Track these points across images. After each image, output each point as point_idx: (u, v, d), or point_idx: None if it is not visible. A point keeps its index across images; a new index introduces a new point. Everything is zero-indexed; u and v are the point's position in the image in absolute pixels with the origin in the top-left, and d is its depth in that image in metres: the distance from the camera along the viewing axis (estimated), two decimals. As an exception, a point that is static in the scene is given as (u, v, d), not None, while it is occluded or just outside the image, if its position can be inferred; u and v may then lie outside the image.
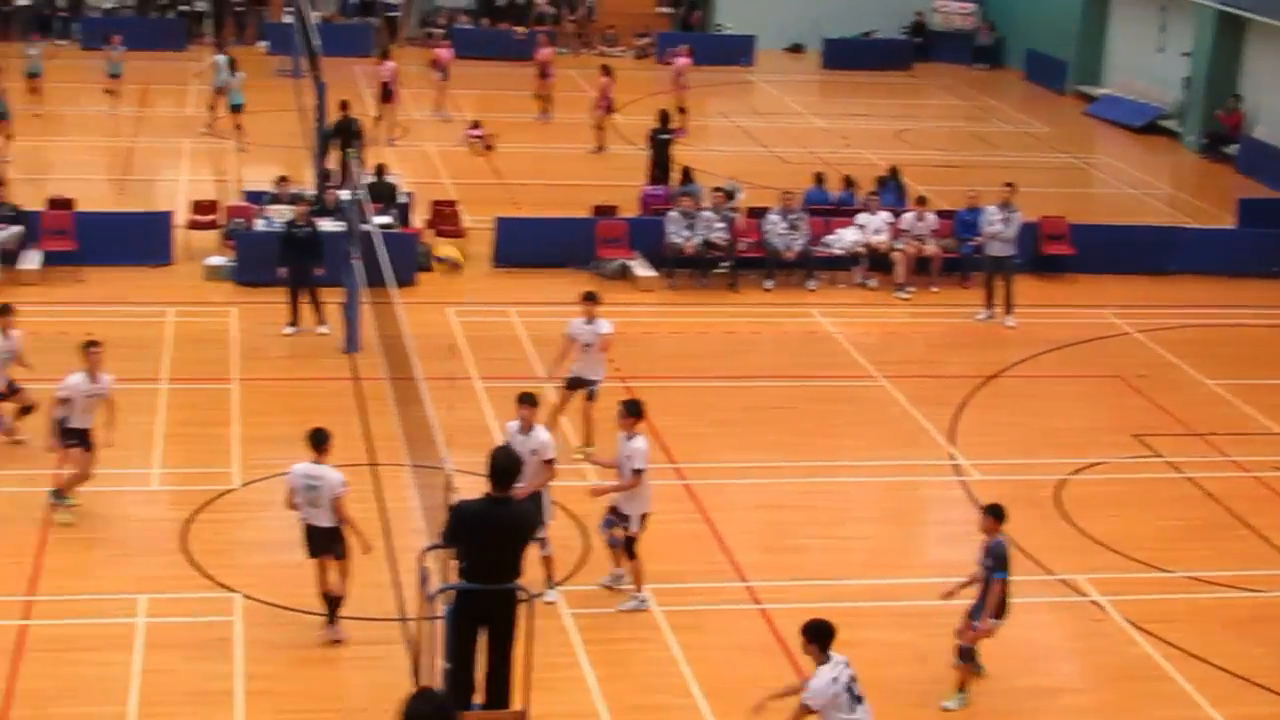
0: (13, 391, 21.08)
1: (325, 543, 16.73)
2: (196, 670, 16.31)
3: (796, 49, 54.70)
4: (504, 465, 14.29)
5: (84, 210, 29.41)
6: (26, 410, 21.11)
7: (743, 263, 29.48)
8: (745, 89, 48.70)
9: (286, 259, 25.61)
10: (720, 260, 29.31)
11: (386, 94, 39.04)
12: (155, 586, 17.88)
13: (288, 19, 46.54)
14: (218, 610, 17.44)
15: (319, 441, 16.81)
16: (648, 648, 17.10)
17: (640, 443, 17.58)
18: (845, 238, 30.04)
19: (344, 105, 33.34)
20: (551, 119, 41.54)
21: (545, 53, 42.37)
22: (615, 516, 17.73)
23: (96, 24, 49.47)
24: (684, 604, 17.98)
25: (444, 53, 42.58)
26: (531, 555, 15.30)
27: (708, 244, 29.13)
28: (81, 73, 43.65)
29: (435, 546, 14.76)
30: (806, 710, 13.55)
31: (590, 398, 21.46)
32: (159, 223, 29.60)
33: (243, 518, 19.77)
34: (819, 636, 13.72)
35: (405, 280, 26.64)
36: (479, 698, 14.48)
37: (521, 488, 15.89)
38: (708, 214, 29.40)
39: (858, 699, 13.69)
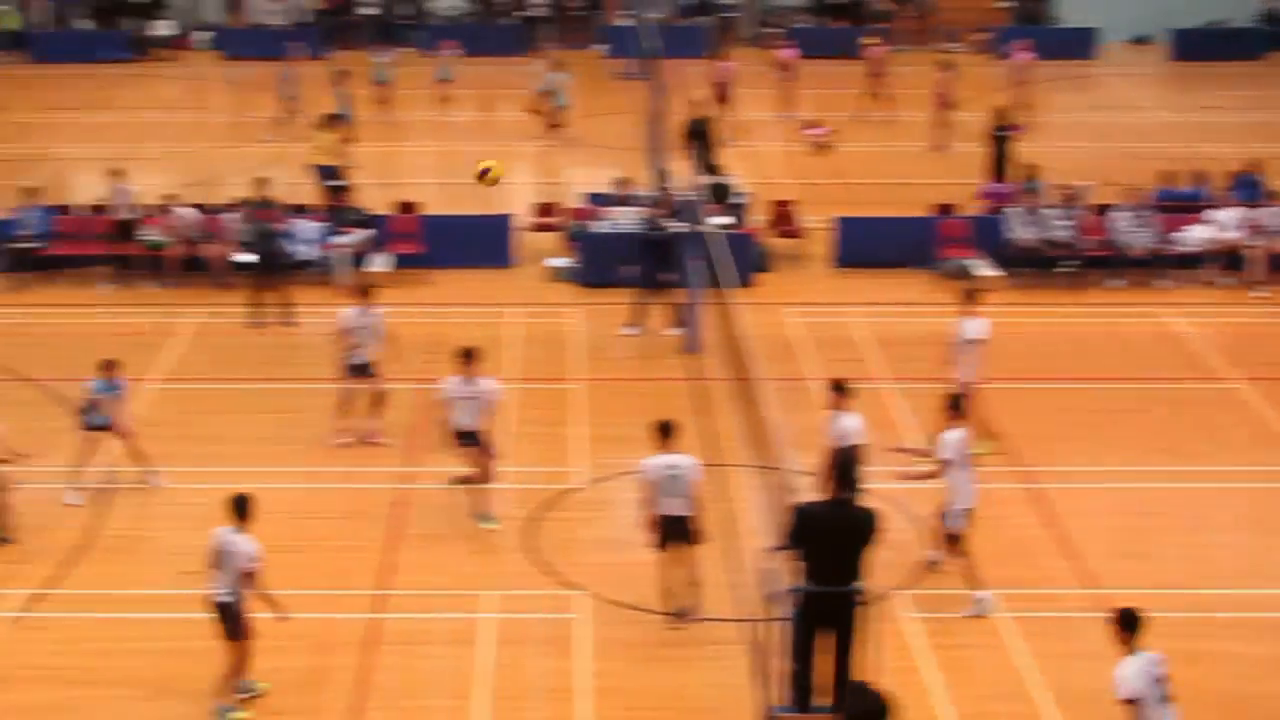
0: (367, 374, 21.72)
1: (679, 531, 16.80)
2: (543, 666, 16.53)
3: (1142, 40, 53.41)
4: (849, 466, 14.20)
5: (431, 214, 30.06)
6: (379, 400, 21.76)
7: (1088, 261, 28.85)
8: (1088, 83, 47.69)
9: (640, 260, 25.79)
10: (1065, 259, 28.74)
11: (723, 95, 39.12)
12: (502, 583, 18.17)
13: (626, 22, 47.04)
14: (563, 607, 17.64)
15: (669, 431, 16.90)
16: (993, 654, 16.80)
17: (954, 434, 17.45)
18: (1195, 235, 29.18)
19: (697, 105, 33.55)
20: (890, 116, 41.17)
21: (876, 51, 41.89)
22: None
23: (439, 31, 50.60)
24: (1032, 610, 17.63)
25: (788, 53, 42.08)
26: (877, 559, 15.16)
27: (1051, 242, 28.58)
28: (424, 79, 44.62)
29: (777, 549, 14.71)
30: (1124, 703, 13.21)
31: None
32: (502, 226, 30.10)
33: (587, 516, 19.97)
34: (1130, 624, 13.42)
35: (744, 281, 26.66)
36: (821, 700, 14.39)
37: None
38: (1052, 211, 28.85)
39: (1165, 699, 13.38)
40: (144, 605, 17.71)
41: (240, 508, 15.68)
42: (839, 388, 18.50)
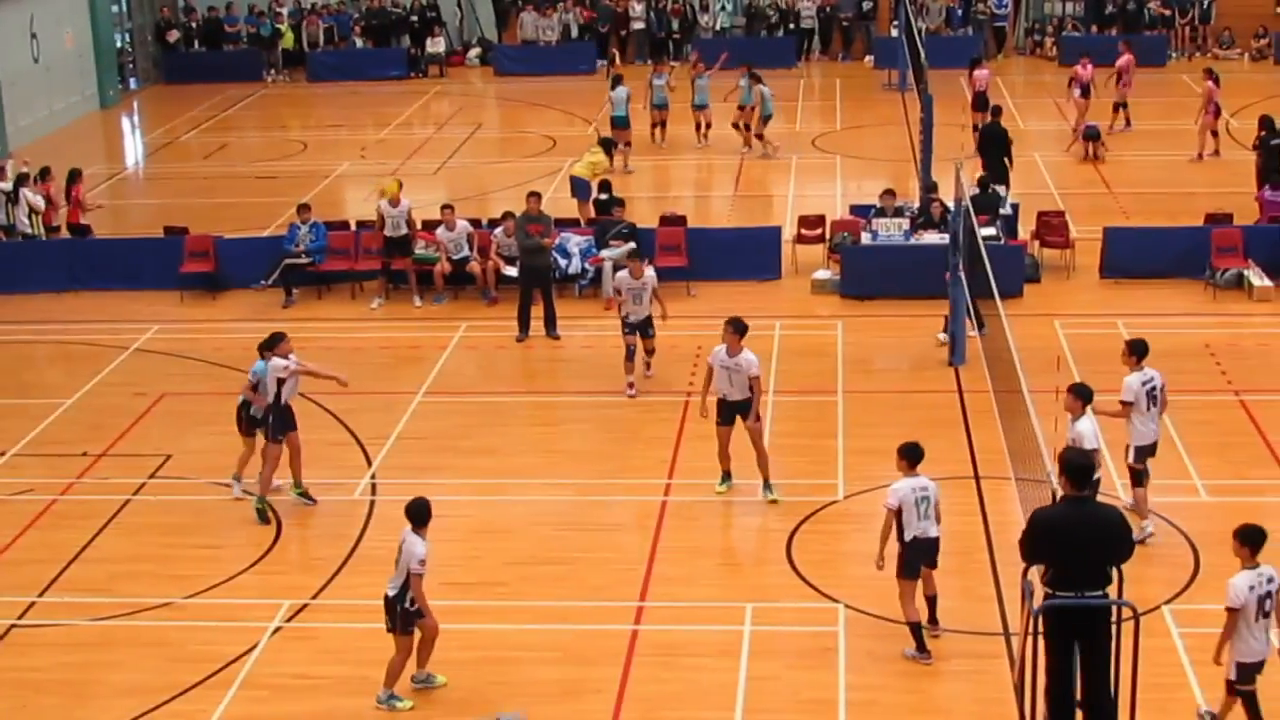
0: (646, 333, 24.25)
1: (932, 554, 16.74)
2: (801, 679, 16.50)
3: None
4: (1079, 464, 13.95)
5: (695, 226, 30.23)
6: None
7: (1366, 270, 28.06)
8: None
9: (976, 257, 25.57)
10: (1342, 268, 28.00)
11: (982, 102, 38.67)
12: (761, 595, 18.20)
13: (894, 32, 46.87)
14: (822, 620, 17.61)
15: (917, 456, 16.81)
16: (1267, 674, 16.37)
17: (1134, 377, 18.91)
18: None
19: (995, 112, 33.32)
20: (1131, 128, 40.28)
21: (1124, 60, 40.66)
22: None
23: (708, 45, 50.90)
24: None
25: (1084, 71, 39.76)
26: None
27: (1329, 251, 27.88)
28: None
29: (1025, 559, 14.41)
30: (1228, 611, 14.30)
31: None
32: (767, 238, 30.16)
33: (847, 529, 19.90)
34: (1250, 540, 14.38)
35: (1011, 292, 26.39)
36: (1081, 717, 14.17)
37: None
38: (1329, 220, 28.14)
39: (1266, 614, 14.44)
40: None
41: (415, 511, 16.02)
42: (1077, 392, 18.32)
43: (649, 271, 24.55)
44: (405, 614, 15.88)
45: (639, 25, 52.46)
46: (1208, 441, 21.79)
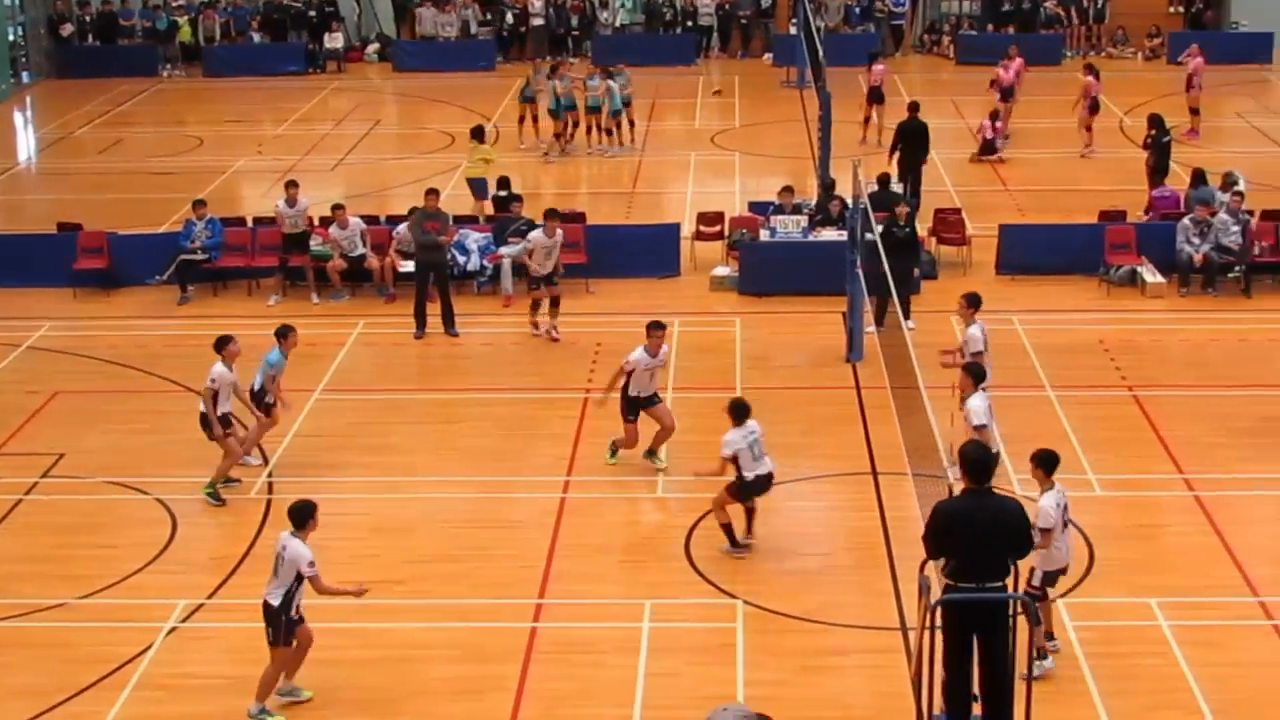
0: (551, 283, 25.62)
1: (768, 486, 18.66)
2: (700, 675, 16.55)
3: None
4: (978, 458, 14.05)
5: (594, 224, 30.22)
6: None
7: (1256, 267, 28.40)
8: (1262, 88, 46.89)
9: (874, 254, 25.65)
10: (1233, 265, 28.30)
11: (877, 96, 38.92)
12: (660, 592, 18.22)
13: (793, 30, 47.03)
14: (721, 617, 17.65)
15: (743, 411, 18.77)
16: (1156, 662, 16.59)
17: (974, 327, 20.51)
18: (1368, 241, 28.68)
19: (913, 107, 33.47)
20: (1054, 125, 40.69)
21: (1017, 64, 40.68)
22: None
23: (607, 42, 50.96)
24: (1194, 619, 17.39)
25: (1005, 73, 39.49)
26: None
27: (1220, 249, 28.15)
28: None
29: (927, 552, 14.52)
30: (1042, 532, 15.49)
31: None
32: (667, 235, 30.17)
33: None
34: (1046, 464, 16.01)
35: (913, 291, 26.52)
36: (979, 709, 14.27)
37: None
38: (1222, 218, 28.40)
39: (1064, 526, 16.11)
40: (307, 615, 17.90)
41: (298, 513, 15.89)
42: (970, 370, 19.04)
43: (560, 232, 26.29)
44: (289, 624, 15.70)
45: (538, 21, 52.33)
46: (1102, 436, 22.03)
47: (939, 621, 13.89)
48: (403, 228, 28.47)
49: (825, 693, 16.31)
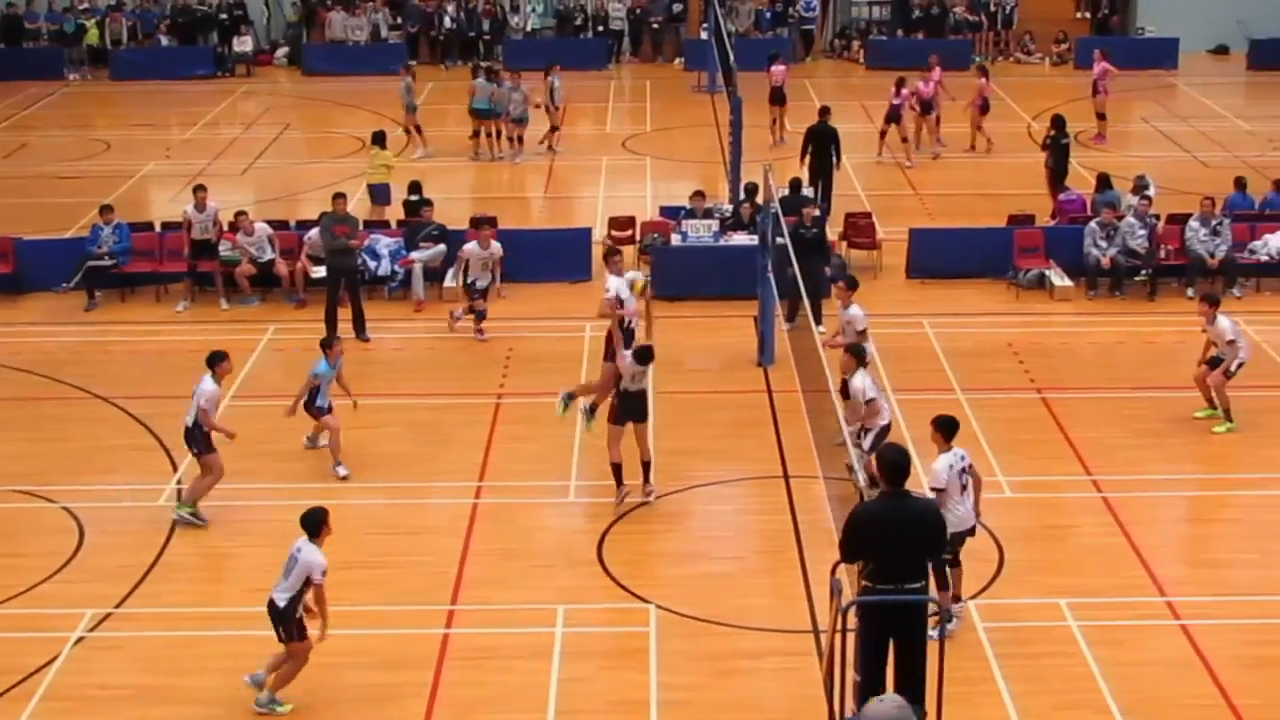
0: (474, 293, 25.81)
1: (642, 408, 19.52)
2: (613, 679, 16.54)
3: (1221, 51, 53.08)
4: (895, 461, 14.13)
5: (506, 228, 30.13)
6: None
7: (1162, 270, 28.69)
8: (1167, 93, 47.41)
9: (785, 258, 25.68)
10: (1140, 268, 28.57)
11: (778, 97, 39.09)
12: (573, 597, 18.19)
13: (704, 35, 47.12)
14: (633, 621, 17.65)
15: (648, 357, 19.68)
16: (1066, 663, 16.70)
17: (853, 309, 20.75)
18: (1271, 244, 28.96)
19: (824, 111, 33.54)
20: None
21: (936, 75, 40.72)
22: None
23: (519, 46, 50.89)
24: (1102, 619, 17.52)
25: (925, 86, 38.94)
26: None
27: (1127, 252, 28.42)
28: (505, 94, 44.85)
29: (842, 555, 14.57)
30: (934, 490, 16.35)
31: None
32: (578, 239, 30.17)
33: (658, 529, 19.97)
34: (945, 428, 16.75)
35: (820, 292, 26.57)
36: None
37: None
38: (1129, 222, 28.67)
39: (964, 488, 16.73)
40: (218, 623, 17.84)
41: (311, 521, 16.06)
42: (852, 351, 19.57)
43: (495, 244, 26.43)
44: (300, 623, 15.85)
45: (450, 25, 52.22)
46: (1011, 439, 22.19)
47: (851, 623, 13.96)
48: (314, 233, 28.30)
49: (738, 696, 16.32)
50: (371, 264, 28.41)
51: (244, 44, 51.57)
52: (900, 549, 13.87)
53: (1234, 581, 18.58)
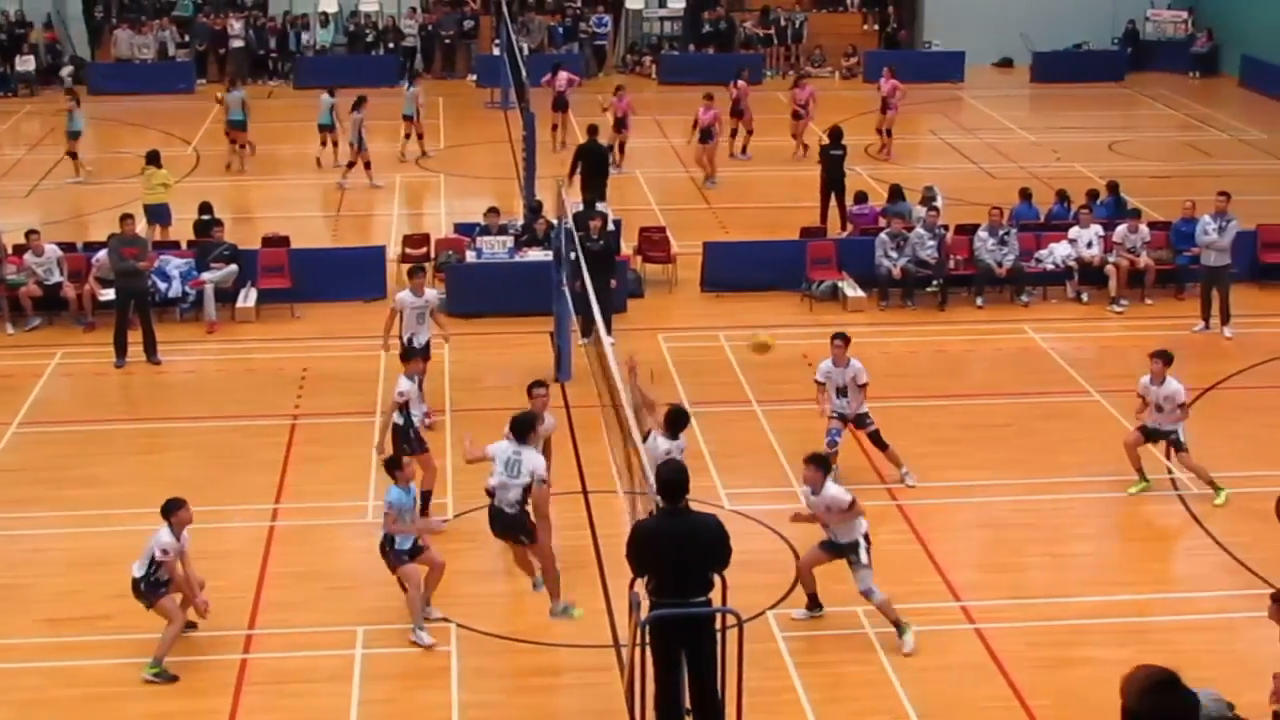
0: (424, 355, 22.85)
1: None
2: (415, 700, 16.45)
3: (1006, 63, 54.21)
4: (670, 478, 14.23)
5: (299, 247, 29.90)
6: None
7: (952, 280, 29.21)
8: (954, 105, 48.31)
9: (579, 273, 25.64)
10: (930, 279, 29.06)
11: (561, 104, 40.51)
12: (372, 618, 18.05)
13: (497, 51, 47.11)
14: (434, 639, 17.56)
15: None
16: (863, 669, 16.91)
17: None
18: (1057, 253, 29.61)
19: (592, 130, 33.64)
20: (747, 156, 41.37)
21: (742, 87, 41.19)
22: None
23: (310, 64, 50.52)
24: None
25: (705, 114, 37.71)
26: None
27: (918, 262, 28.88)
28: (294, 112, 44.49)
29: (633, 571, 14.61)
30: (851, 504, 17.14)
31: None
32: (372, 257, 29.99)
33: (458, 547, 19.83)
34: (820, 464, 17.63)
35: (615, 307, 26.71)
36: (690, 721, 14.42)
37: None
38: (919, 233, 29.13)
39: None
40: (9, 655, 17.43)
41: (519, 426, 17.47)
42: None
43: (430, 291, 24.23)
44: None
45: (238, 43, 51.69)
46: (807, 449, 22.20)
47: (649, 638, 14.02)
48: (102, 254, 27.82)
49: (540, 713, 16.33)
50: (162, 285, 28.00)
51: (26, 63, 50.57)
52: (681, 564, 13.98)
53: (1026, 584, 18.95)
